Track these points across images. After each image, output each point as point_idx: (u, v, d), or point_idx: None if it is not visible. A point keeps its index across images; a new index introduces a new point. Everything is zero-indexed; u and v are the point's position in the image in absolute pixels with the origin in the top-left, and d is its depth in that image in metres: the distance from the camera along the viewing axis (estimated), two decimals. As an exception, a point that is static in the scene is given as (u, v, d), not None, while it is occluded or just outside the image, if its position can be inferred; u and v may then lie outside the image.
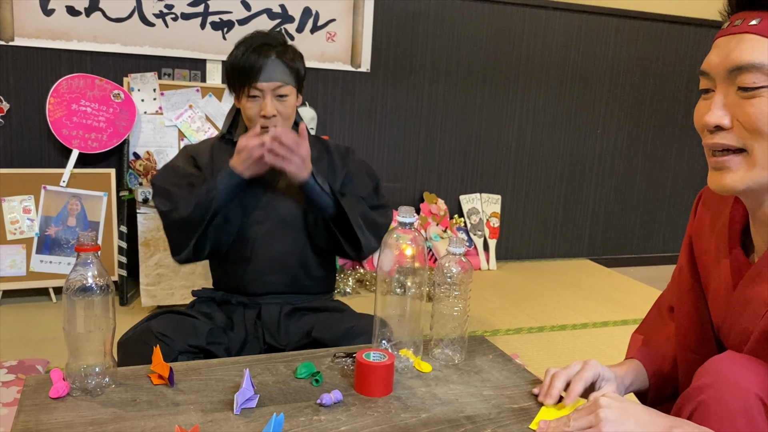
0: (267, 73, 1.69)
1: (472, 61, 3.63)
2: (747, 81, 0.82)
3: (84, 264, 1.03)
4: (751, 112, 0.82)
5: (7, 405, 1.77)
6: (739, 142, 0.85)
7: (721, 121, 0.85)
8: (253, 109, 1.72)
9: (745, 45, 0.82)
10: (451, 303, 1.24)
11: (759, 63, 0.81)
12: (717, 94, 0.86)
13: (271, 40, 1.72)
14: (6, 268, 2.71)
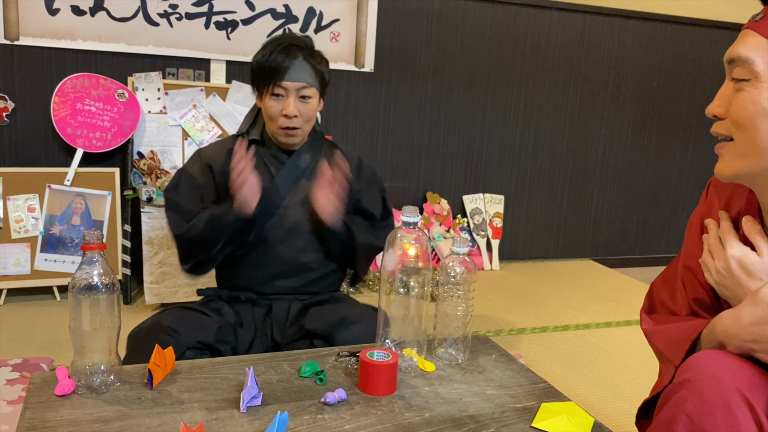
0: (292, 73, 1.70)
1: (476, 62, 3.63)
2: (736, 74, 0.87)
3: (90, 262, 1.03)
4: (736, 103, 0.87)
5: (12, 403, 1.78)
6: (728, 131, 0.90)
7: (715, 111, 0.91)
8: (275, 107, 1.72)
9: (743, 40, 0.87)
10: (455, 302, 1.24)
11: (745, 57, 0.85)
12: (724, 83, 0.91)
13: (300, 42, 1.74)
14: (10, 267, 2.72)
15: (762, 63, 0.84)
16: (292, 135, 1.75)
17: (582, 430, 1.01)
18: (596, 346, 2.59)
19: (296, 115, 1.71)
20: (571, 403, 1.09)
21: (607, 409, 2.04)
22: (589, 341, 2.65)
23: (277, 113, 1.72)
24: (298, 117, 1.72)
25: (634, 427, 1.21)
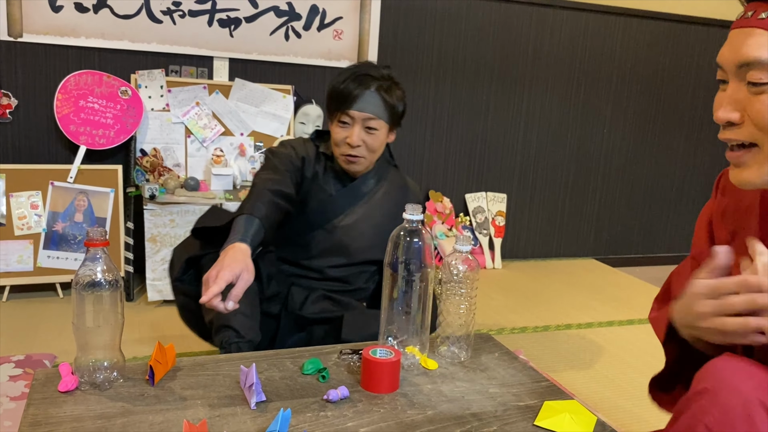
0: (361, 103, 1.72)
1: (479, 60, 3.63)
2: (755, 77, 0.81)
3: (93, 259, 1.03)
4: (759, 108, 0.81)
5: (14, 399, 1.78)
6: (751, 137, 0.84)
7: (730, 117, 0.85)
8: (340, 134, 1.75)
9: (754, 40, 0.81)
10: (458, 301, 1.24)
11: (766, 59, 0.80)
12: (729, 87, 0.86)
13: (375, 72, 1.75)
14: (14, 264, 2.73)
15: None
16: (353, 163, 1.78)
17: (584, 428, 1.01)
18: (598, 345, 2.59)
19: (359, 145, 1.73)
20: (574, 402, 1.09)
21: (609, 407, 2.04)
22: (591, 340, 2.65)
23: (341, 140, 1.75)
24: (362, 147, 1.74)
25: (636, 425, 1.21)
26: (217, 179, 2.91)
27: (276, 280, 1.83)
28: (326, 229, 1.83)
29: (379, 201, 1.88)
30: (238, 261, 1.39)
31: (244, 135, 3.10)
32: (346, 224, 1.84)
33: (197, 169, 3.02)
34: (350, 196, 1.85)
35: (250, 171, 3.03)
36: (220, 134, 3.05)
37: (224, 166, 2.99)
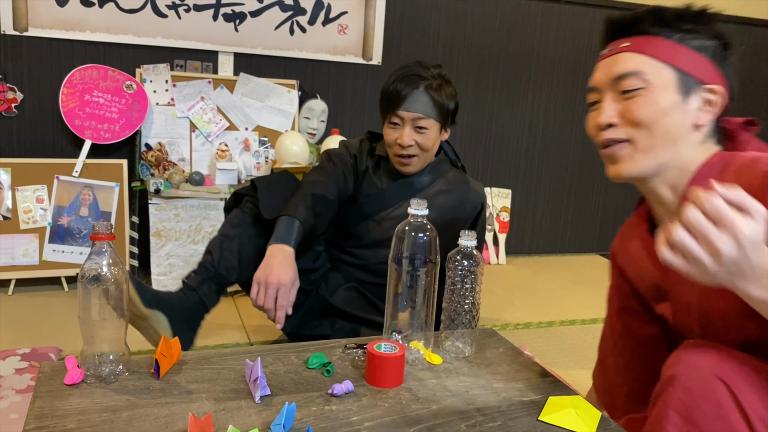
0: (409, 103, 1.73)
1: (484, 55, 3.62)
2: (627, 85, 1.03)
3: (99, 253, 1.04)
4: (632, 108, 1.02)
5: (20, 392, 1.79)
6: (626, 134, 1.04)
7: (612, 120, 1.05)
8: (392, 135, 1.78)
9: (623, 61, 1.04)
10: (462, 296, 1.24)
11: (634, 70, 1.03)
12: (605, 101, 1.06)
13: (424, 72, 1.76)
14: (19, 257, 2.74)
15: (650, 73, 1.02)
16: (406, 164, 1.81)
17: (589, 423, 1.01)
18: (603, 341, 2.59)
19: (411, 145, 1.76)
20: (578, 397, 1.09)
21: (613, 403, 2.04)
22: (595, 336, 2.63)
23: (393, 141, 1.78)
24: (414, 146, 1.77)
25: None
26: (222, 174, 2.91)
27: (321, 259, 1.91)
28: (375, 221, 1.87)
29: (433, 198, 1.87)
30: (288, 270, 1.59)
31: (248, 130, 3.10)
32: (395, 216, 1.86)
33: (202, 163, 3.03)
34: (401, 189, 1.87)
35: (255, 166, 3.03)
36: (225, 129, 3.05)
37: (229, 160, 2.99)
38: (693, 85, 1.03)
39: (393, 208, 1.88)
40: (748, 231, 0.75)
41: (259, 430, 0.90)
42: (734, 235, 0.75)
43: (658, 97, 1.02)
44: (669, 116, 1.02)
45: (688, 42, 1.04)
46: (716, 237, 0.76)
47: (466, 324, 1.25)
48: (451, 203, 1.87)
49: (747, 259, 0.77)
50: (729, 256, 0.76)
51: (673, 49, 1.03)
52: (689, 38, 1.04)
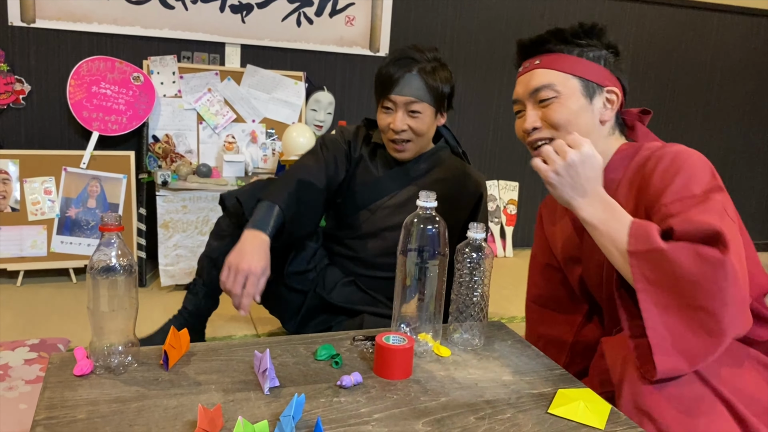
0: (401, 87, 1.69)
1: (492, 47, 3.60)
2: (542, 96, 1.25)
3: (108, 244, 1.03)
4: (550, 114, 1.24)
5: (30, 382, 1.80)
6: (548, 134, 1.25)
7: (535, 124, 1.26)
8: (384, 120, 1.73)
9: (537, 76, 1.26)
10: (471, 288, 1.23)
11: (547, 83, 1.25)
12: (528, 110, 1.28)
13: (418, 55, 1.72)
14: (27, 249, 2.75)
15: (559, 84, 1.24)
16: (400, 150, 1.76)
17: (599, 416, 1.00)
18: (610, 334, 2.58)
19: (404, 129, 1.71)
20: (588, 390, 1.08)
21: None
22: (603, 329, 2.63)
23: (386, 126, 1.73)
24: (407, 131, 1.72)
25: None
26: (229, 166, 2.91)
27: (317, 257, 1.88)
28: (370, 210, 1.83)
29: (431, 187, 1.81)
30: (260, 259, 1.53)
31: (255, 122, 3.09)
32: (390, 205, 1.82)
33: (209, 155, 3.03)
34: (397, 178, 1.82)
35: (262, 158, 3.03)
36: (232, 121, 3.05)
37: (236, 152, 2.99)
38: (595, 89, 1.26)
39: (387, 197, 1.83)
40: (586, 148, 1.12)
41: (269, 421, 0.89)
42: (578, 147, 1.11)
43: (569, 102, 1.24)
44: (580, 117, 1.24)
45: (586, 54, 1.27)
46: (567, 149, 1.11)
47: (474, 316, 1.25)
48: (448, 192, 1.82)
49: (584, 171, 1.11)
50: (571, 159, 1.10)
51: (574, 62, 1.26)
52: (586, 51, 1.27)
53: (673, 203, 1.11)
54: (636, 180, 1.23)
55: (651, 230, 1.06)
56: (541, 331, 1.54)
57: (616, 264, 1.10)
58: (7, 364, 1.89)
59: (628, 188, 1.24)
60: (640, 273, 1.04)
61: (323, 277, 1.88)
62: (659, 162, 1.19)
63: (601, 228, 1.10)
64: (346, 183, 1.86)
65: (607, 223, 1.09)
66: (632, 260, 1.05)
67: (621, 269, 1.10)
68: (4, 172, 2.73)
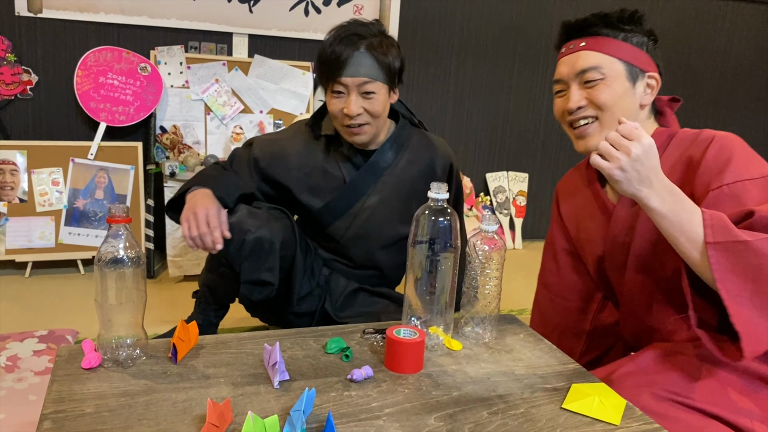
0: (352, 68, 1.55)
1: (502, 37, 3.56)
2: (589, 77, 1.29)
3: (115, 236, 1.02)
4: (595, 95, 1.28)
5: (39, 374, 1.80)
6: (593, 113, 1.29)
7: (581, 103, 1.30)
8: (336, 105, 1.60)
9: (583, 58, 1.30)
10: (483, 281, 1.22)
11: (594, 65, 1.28)
12: (572, 90, 1.31)
13: (363, 30, 1.59)
14: (36, 240, 2.74)
15: (606, 67, 1.28)
16: (357, 134, 1.63)
17: (614, 412, 0.98)
18: (621, 327, 2.56)
19: (360, 113, 1.59)
20: (603, 385, 1.06)
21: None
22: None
23: (338, 111, 1.60)
24: (363, 114, 1.59)
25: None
26: (237, 157, 2.89)
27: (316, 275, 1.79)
28: (351, 215, 1.72)
29: (404, 172, 1.73)
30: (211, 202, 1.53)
31: (263, 112, 3.07)
32: (370, 206, 1.72)
33: (217, 146, 3.01)
34: (368, 175, 1.71)
35: (270, 149, 3.02)
36: (240, 112, 3.03)
37: (244, 143, 2.97)
38: (638, 74, 1.30)
39: (365, 197, 1.72)
40: (647, 139, 1.08)
41: (279, 415, 0.88)
42: (639, 140, 1.08)
43: (614, 85, 1.28)
44: (624, 99, 1.28)
45: (630, 39, 1.30)
46: (626, 141, 1.08)
47: (486, 309, 1.23)
48: (419, 173, 1.73)
49: (649, 162, 1.08)
50: (635, 154, 1.07)
51: (620, 46, 1.29)
52: (630, 36, 1.30)
53: (735, 184, 1.13)
54: (680, 162, 1.25)
55: (727, 221, 1.05)
56: (557, 321, 1.53)
57: (684, 252, 1.08)
58: (16, 356, 1.89)
59: (669, 171, 1.24)
60: (720, 264, 1.03)
61: (328, 290, 1.80)
62: (709, 145, 1.20)
63: (671, 218, 1.08)
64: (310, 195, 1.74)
65: (678, 214, 1.08)
66: (711, 251, 1.04)
67: (690, 258, 1.08)
68: (12, 162, 2.72)
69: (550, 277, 1.56)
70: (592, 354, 1.49)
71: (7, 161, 2.72)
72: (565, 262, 1.52)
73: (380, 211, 1.73)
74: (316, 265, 1.79)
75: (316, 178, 1.74)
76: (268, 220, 1.63)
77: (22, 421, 1.53)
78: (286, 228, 1.67)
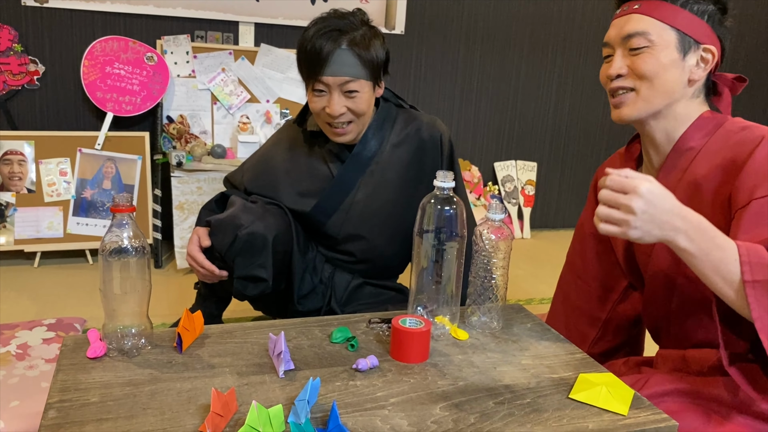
0: (333, 66, 1.46)
1: (510, 24, 3.53)
2: (634, 44, 1.19)
3: (119, 225, 1.02)
4: (638, 63, 1.19)
5: (50, 361, 1.81)
6: (631, 83, 1.21)
7: (621, 71, 1.21)
8: (317, 104, 1.52)
9: (633, 21, 1.20)
10: (489, 270, 1.21)
11: (642, 31, 1.18)
12: (616, 56, 1.22)
13: (344, 25, 1.49)
14: (44, 230, 2.75)
15: (654, 34, 1.18)
16: (341, 134, 1.57)
17: (621, 402, 0.97)
18: (629, 317, 2.54)
19: (342, 113, 1.51)
20: (610, 374, 1.05)
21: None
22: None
23: (320, 110, 1.53)
24: (346, 113, 1.52)
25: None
26: (244, 146, 2.89)
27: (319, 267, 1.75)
28: (342, 211, 1.67)
29: (391, 157, 1.66)
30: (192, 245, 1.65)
31: (269, 102, 3.06)
32: (361, 199, 1.66)
33: (224, 136, 3.01)
34: (354, 168, 1.64)
35: (277, 138, 3.01)
36: (246, 101, 3.02)
37: (250, 133, 2.96)
38: (691, 45, 1.19)
39: (355, 190, 1.66)
40: (644, 186, 0.98)
41: (283, 405, 0.88)
42: (636, 192, 0.97)
43: (660, 55, 1.18)
44: (669, 71, 1.18)
45: (690, 6, 1.19)
46: (624, 198, 0.98)
47: (492, 299, 1.22)
48: (407, 155, 1.65)
49: (658, 208, 0.98)
50: (640, 208, 0.97)
51: (676, 12, 1.18)
52: (691, 2, 1.19)
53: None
54: (725, 157, 1.16)
55: (765, 254, 0.98)
56: (577, 303, 1.51)
57: (720, 291, 1.00)
58: (26, 344, 1.90)
59: (710, 161, 1.17)
60: (759, 303, 0.96)
61: (332, 287, 1.75)
62: (759, 144, 1.11)
63: (704, 258, 0.99)
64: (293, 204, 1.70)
65: (710, 253, 0.98)
66: (749, 290, 0.96)
67: (726, 296, 1.00)
68: (20, 153, 2.73)
69: (575, 258, 1.53)
70: (604, 344, 1.47)
71: (15, 151, 2.73)
72: (591, 247, 1.48)
73: (373, 202, 1.68)
74: (318, 261, 1.75)
75: (304, 182, 1.69)
76: (263, 216, 1.60)
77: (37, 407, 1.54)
78: (282, 224, 1.64)
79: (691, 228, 0.98)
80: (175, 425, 0.85)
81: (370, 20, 1.55)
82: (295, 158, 1.72)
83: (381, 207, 1.70)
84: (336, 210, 1.68)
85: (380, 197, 1.69)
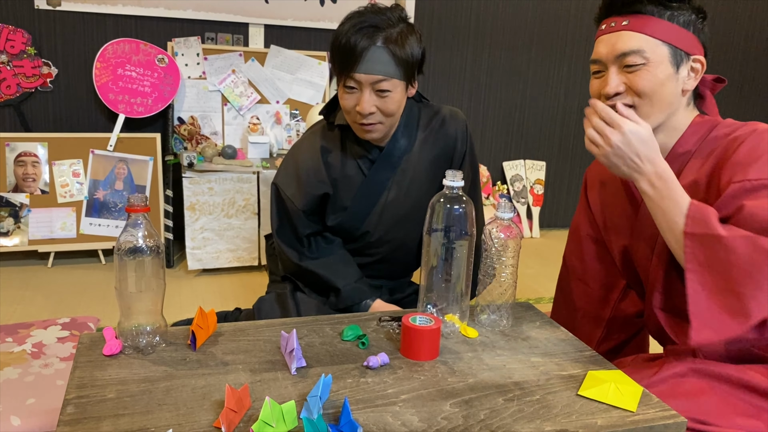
0: (367, 63, 1.42)
1: (519, 23, 3.53)
2: (630, 61, 1.19)
3: (134, 225, 1.04)
4: (635, 81, 1.20)
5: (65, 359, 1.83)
6: (630, 101, 1.21)
7: (619, 89, 1.21)
8: (348, 101, 1.48)
9: (624, 39, 1.20)
10: (499, 269, 1.22)
11: (636, 48, 1.18)
12: (610, 73, 1.22)
13: (381, 21, 1.44)
14: (57, 231, 2.79)
15: (649, 51, 1.18)
16: (369, 131, 1.53)
17: (630, 398, 0.98)
18: (639, 315, 2.54)
19: (372, 112, 1.47)
20: (619, 372, 1.06)
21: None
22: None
23: (350, 107, 1.49)
24: (376, 113, 1.48)
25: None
26: (254, 147, 2.91)
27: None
28: (376, 213, 1.64)
29: (419, 157, 1.65)
30: None
31: (279, 103, 3.08)
32: (393, 198, 1.64)
33: (234, 137, 3.03)
34: (384, 169, 1.62)
35: (287, 139, 3.03)
36: (256, 102, 3.04)
37: (261, 134, 2.99)
38: (682, 57, 1.21)
39: (386, 191, 1.63)
40: (628, 126, 1.11)
41: (296, 401, 0.89)
42: (619, 129, 1.12)
43: (657, 71, 1.19)
44: (665, 86, 1.20)
45: (677, 19, 1.20)
46: (608, 130, 1.13)
47: (502, 297, 1.23)
48: (436, 151, 1.63)
49: (632, 148, 1.12)
50: (616, 143, 1.12)
51: (666, 27, 1.19)
52: (677, 15, 1.20)
53: (758, 181, 1.09)
54: (715, 155, 1.20)
55: (709, 214, 1.06)
56: (579, 305, 1.52)
57: (667, 239, 1.12)
58: (41, 342, 1.92)
59: (702, 162, 1.22)
60: (693, 255, 1.06)
61: None
62: (748, 137, 1.17)
63: (658, 203, 1.11)
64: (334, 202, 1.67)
65: (664, 200, 1.10)
66: (686, 241, 1.06)
67: (671, 246, 1.12)
68: (33, 155, 2.76)
69: (573, 261, 1.54)
70: (610, 342, 1.48)
71: (29, 153, 2.76)
72: (589, 248, 1.50)
73: (405, 200, 1.65)
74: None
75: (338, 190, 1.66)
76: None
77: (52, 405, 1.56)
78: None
79: (654, 175, 1.12)
80: (190, 420, 0.87)
81: (407, 17, 1.52)
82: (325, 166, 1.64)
83: (413, 206, 1.65)
84: (369, 213, 1.64)
85: (412, 196, 1.65)
